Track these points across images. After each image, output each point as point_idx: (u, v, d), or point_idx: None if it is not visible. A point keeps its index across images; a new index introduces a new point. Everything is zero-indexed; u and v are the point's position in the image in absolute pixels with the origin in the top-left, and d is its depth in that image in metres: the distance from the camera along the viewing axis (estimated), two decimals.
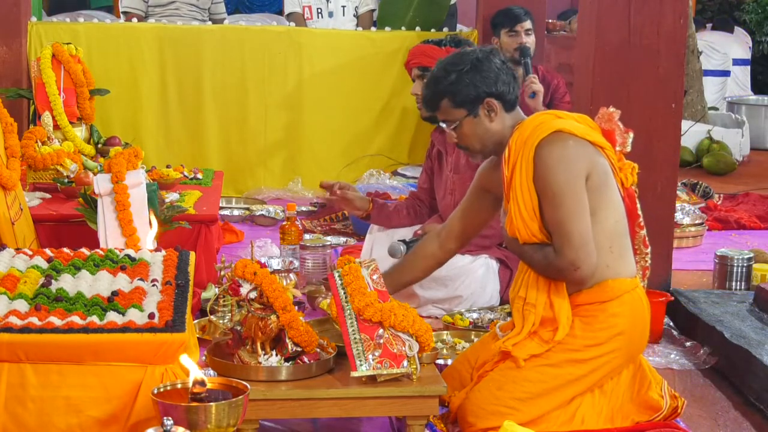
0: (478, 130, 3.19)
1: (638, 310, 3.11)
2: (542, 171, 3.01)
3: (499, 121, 3.19)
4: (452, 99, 3.18)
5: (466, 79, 3.16)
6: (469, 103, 3.17)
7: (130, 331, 2.51)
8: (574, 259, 2.99)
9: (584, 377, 3.05)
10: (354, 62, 6.92)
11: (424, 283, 4.23)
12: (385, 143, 7.01)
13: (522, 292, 3.13)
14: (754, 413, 3.48)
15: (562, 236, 2.99)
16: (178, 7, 7.47)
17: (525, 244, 3.08)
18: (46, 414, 2.51)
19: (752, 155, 8.91)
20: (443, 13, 7.29)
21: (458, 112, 3.19)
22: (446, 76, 3.18)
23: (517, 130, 3.12)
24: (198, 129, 6.79)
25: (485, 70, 3.16)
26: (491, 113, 3.17)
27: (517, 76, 3.21)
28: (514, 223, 3.08)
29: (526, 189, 3.04)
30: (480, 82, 3.16)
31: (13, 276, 2.84)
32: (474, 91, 3.16)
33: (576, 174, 3.00)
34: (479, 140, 3.21)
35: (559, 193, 2.99)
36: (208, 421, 2.30)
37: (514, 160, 3.08)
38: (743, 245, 5.53)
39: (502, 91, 3.17)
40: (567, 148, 3.02)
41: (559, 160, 3.00)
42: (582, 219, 2.99)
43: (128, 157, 4.02)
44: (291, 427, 3.19)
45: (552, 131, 3.03)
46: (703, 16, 13.00)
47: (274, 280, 2.88)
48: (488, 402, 3.00)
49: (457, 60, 3.21)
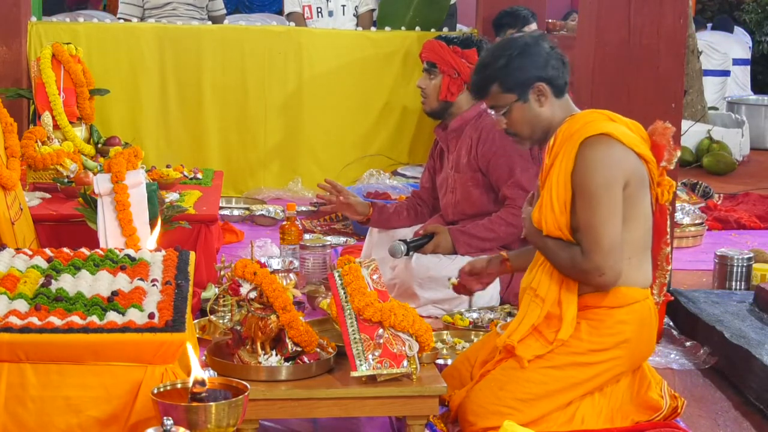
0: (527, 115, 3.15)
1: (646, 320, 3.10)
2: (582, 170, 2.98)
3: (549, 107, 3.14)
4: (502, 84, 3.13)
5: (515, 63, 3.11)
6: (519, 87, 3.12)
7: (130, 331, 2.51)
8: (600, 264, 2.97)
9: (586, 381, 3.04)
10: (354, 62, 6.92)
11: (424, 283, 4.24)
12: (385, 143, 7.01)
13: (534, 283, 3.11)
14: (754, 413, 3.48)
15: (592, 240, 2.97)
16: (175, 8, 7.46)
17: (548, 237, 3.05)
18: (46, 414, 2.51)
19: (752, 155, 8.91)
20: (443, 13, 7.29)
21: (508, 97, 3.14)
22: (495, 61, 3.14)
23: (568, 121, 3.09)
24: (198, 129, 6.79)
25: (534, 54, 3.12)
26: (541, 98, 3.13)
27: (567, 62, 3.18)
28: (543, 211, 3.05)
29: (562, 182, 3.01)
30: (530, 66, 3.11)
31: (13, 276, 2.84)
32: (524, 75, 3.11)
33: (615, 179, 2.97)
34: (529, 126, 3.16)
35: (596, 194, 2.96)
36: (208, 421, 2.29)
37: (557, 150, 3.05)
38: (743, 245, 5.53)
39: (551, 76, 3.12)
40: (611, 152, 2.98)
41: (600, 162, 2.97)
42: (614, 225, 2.97)
43: (128, 157, 4.01)
44: (291, 427, 3.19)
45: (600, 132, 3.00)
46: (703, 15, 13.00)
47: (274, 280, 2.88)
48: (489, 402, 3.00)
49: (506, 45, 3.16)
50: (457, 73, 4.36)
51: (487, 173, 4.35)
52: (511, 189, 4.27)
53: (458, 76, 4.36)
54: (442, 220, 4.54)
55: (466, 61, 4.36)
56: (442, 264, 4.21)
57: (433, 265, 4.24)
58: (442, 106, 4.42)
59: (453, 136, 4.44)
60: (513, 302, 4.28)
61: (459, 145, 4.41)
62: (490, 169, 4.33)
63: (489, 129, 4.33)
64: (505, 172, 4.29)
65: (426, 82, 4.43)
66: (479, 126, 4.37)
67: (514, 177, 4.27)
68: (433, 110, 4.46)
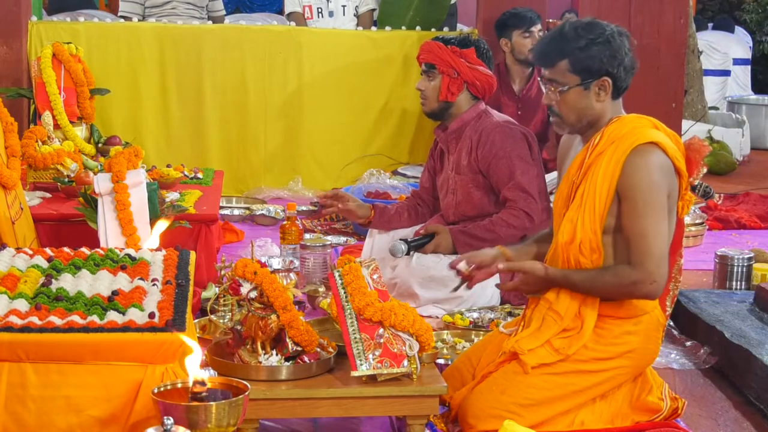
0: (581, 103, 3.08)
1: (653, 331, 3.09)
2: (633, 177, 2.95)
3: (603, 104, 3.09)
4: (573, 62, 3.05)
5: (594, 49, 3.04)
6: (587, 73, 3.05)
7: (130, 331, 2.51)
8: (653, 271, 2.95)
9: (589, 389, 3.04)
10: (354, 62, 6.92)
11: (425, 283, 4.25)
12: (385, 143, 7.01)
13: (551, 296, 3.09)
14: (755, 413, 3.48)
15: (645, 248, 2.94)
16: (175, 7, 7.46)
17: (573, 271, 3.02)
18: (46, 413, 2.51)
19: (752, 155, 8.91)
20: (443, 13, 7.29)
21: (572, 78, 3.07)
22: (576, 38, 3.05)
23: (616, 122, 3.06)
24: (198, 128, 6.79)
25: (615, 48, 3.06)
26: (601, 92, 3.08)
27: (636, 68, 3.14)
28: (581, 211, 3.01)
29: (606, 186, 2.98)
30: (607, 57, 3.04)
31: (14, 275, 2.84)
32: (597, 64, 3.04)
33: (664, 189, 2.97)
34: (578, 114, 3.10)
35: (649, 202, 2.94)
36: (209, 420, 2.29)
37: (602, 149, 3.02)
38: (743, 245, 5.53)
39: (619, 76, 3.08)
40: (660, 162, 2.97)
41: (653, 171, 2.95)
42: (664, 233, 2.97)
43: (128, 157, 4.01)
44: (291, 426, 3.19)
45: (649, 141, 2.97)
46: (703, 15, 13.01)
47: (274, 280, 2.88)
48: (490, 405, 2.99)
49: (591, 28, 3.07)
50: (457, 72, 4.36)
51: (487, 175, 4.35)
52: (512, 191, 4.27)
53: (457, 75, 4.36)
54: (442, 220, 4.54)
55: (465, 60, 4.36)
56: (442, 264, 4.20)
57: (434, 265, 4.25)
58: (442, 106, 4.41)
59: (453, 137, 4.44)
60: (513, 302, 4.28)
61: (459, 147, 4.41)
62: (490, 171, 4.33)
63: (489, 131, 4.33)
64: (506, 174, 4.29)
65: (425, 84, 4.43)
66: (479, 127, 4.37)
67: (515, 179, 4.27)
68: (433, 111, 4.46)
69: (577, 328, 3.03)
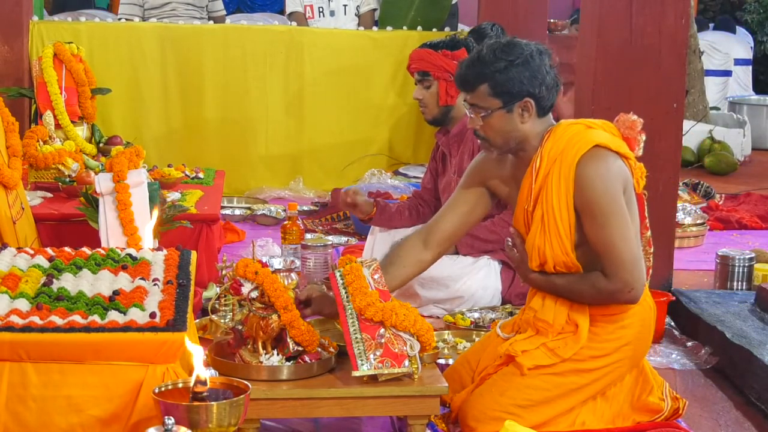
0: (506, 126, 3.04)
1: (646, 320, 3.09)
2: (586, 191, 2.92)
3: (529, 124, 3.04)
4: (492, 86, 3.01)
5: (513, 71, 2.99)
6: (508, 96, 3.01)
7: (131, 331, 2.51)
8: (628, 280, 2.94)
9: (588, 386, 3.04)
10: (355, 62, 6.92)
11: (426, 283, 4.24)
12: (386, 143, 7.02)
13: (535, 304, 3.08)
14: (756, 413, 3.48)
15: (614, 259, 2.93)
16: (175, 8, 7.46)
17: (555, 277, 3.02)
18: (47, 413, 2.51)
19: (754, 155, 8.91)
20: (444, 13, 7.30)
21: (493, 102, 3.03)
22: (495, 61, 3.00)
23: (549, 138, 3.02)
24: (199, 128, 6.80)
25: (535, 69, 3.00)
26: (525, 113, 3.03)
27: (560, 85, 3.08)
28: (547, 237, 2.98)
29: (564, 206, 2.96)
30: (526, 79, 3.00)
31: (15, 275, 2.84)
32: (517, 86, 3.00)
33: (618, 191, 2.94)
34: (503, 136, 3.06)
35: (607, 212, 2.92)
36: (210, 420, 2.29)
37: (546, 170, 2.98)
38: (744, 245, 5.52)
39: (542, 96, 3.03)
40: (608, 165, 2.94)
41: (603, 178, 2.92)
42: (630, 238, 2.94)
43: (130, 156, 4.01)
44: (292, 426, 3.19)
45: (591, 146, 2.94)
46: (704, 16, 13.01)
47: (275, 280, 2.88)
48: (490, 407, 2.99)
49: (510, 49, 3.01)
50: (452, 75, 4.35)
51: None
52: None
53: (453, 78, 4.35)
54: None
55: (457, 61, 4.35)
56: (442, 264, 4.19)
57: (434, 265, 4.23)
58: (443, 111, 4.41)
59: (455, 141, 4.44)
60: (514, 302, 4.28)
61: (461, 150, 4.41)
62: None
63: None
64: None
65: (422, 93, 4.41)
66: None
67: None
68: (434, 118, 4.45)
69: (573, 331, 3.03)
